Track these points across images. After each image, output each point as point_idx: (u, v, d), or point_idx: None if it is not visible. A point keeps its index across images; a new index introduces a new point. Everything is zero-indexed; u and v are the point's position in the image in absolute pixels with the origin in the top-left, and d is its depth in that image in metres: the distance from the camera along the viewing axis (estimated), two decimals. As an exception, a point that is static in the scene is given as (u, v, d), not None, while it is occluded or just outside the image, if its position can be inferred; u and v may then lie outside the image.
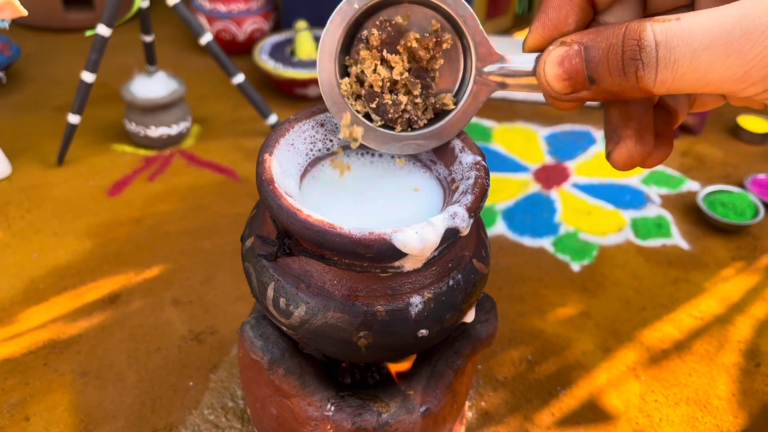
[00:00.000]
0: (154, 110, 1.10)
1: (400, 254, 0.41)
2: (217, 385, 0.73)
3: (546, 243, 0.97)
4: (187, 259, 0.90)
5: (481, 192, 0.45)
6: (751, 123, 1.25)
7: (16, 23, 1.50)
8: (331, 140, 0.52)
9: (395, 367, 0.63)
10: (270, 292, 0.48)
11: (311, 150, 0.51)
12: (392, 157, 0.52)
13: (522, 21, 1.47)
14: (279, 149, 0.48)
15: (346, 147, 0.51)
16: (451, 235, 0.42)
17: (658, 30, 0.25)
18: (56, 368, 0.74)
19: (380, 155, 0.52)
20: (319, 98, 1.32)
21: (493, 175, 1.12)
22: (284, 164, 0.48)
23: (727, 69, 0.25)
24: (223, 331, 0.79)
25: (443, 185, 0.50)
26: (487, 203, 1.05)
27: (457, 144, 0.49)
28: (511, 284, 0.89)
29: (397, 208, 0.48)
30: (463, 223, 0.43)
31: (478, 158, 0.47)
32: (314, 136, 0.51)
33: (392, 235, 0.40)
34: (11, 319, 0.80)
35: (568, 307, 0.86)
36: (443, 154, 0.50)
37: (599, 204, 1.07)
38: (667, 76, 0.26)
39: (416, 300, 0.46)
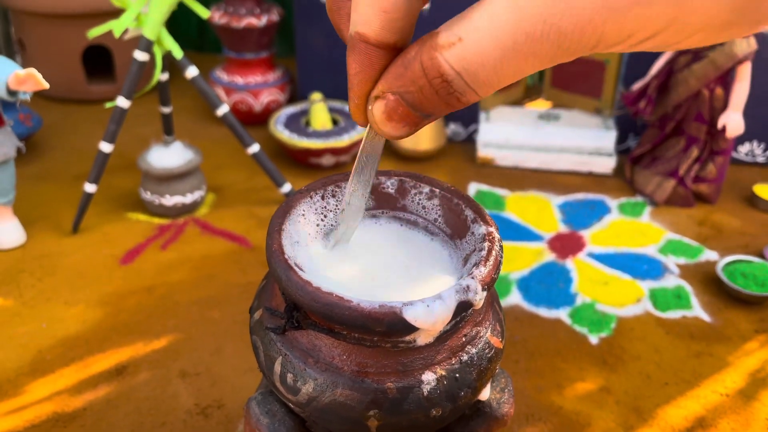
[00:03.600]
0: (170, 179, 1.11)
1: (412, 328, 0.40)
2: (222, 463, 0.70)
3: (563, 314, 0.95)
4: (197, 330, 0.89)
5: (495, 264, 0.44)
6: (767, 192, 1.24)
7: (39, 94, 1.54)
8: (343, 210, 0.52)
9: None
10: (277, 367, 0.46)
11: (322, 220, 0.51)
12: (401, 225, 0.52)
13: (533, 92, 1.49)
14: (290, 219, 0.47)
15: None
16: (463, 308, 0.41)
17: (452, 60, 0.25)
18: (58, 443, 0.72)
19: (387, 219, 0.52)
20: (332, 168, 1.33)
21: (506, 244, 1.11)
22: (294, 235, 0.48)
23: (531, 67, 0.25)
24: (230, 405, 0.77)
25: (455, 252, 0.49)
26: (501, 272, 1.03)
27: (470, 214, 0.49)
28: (527, 357, 0.86)
29: (408, 274, 0.47)
30: (476, 296, 0.41)
31: (491, 229, 0.47)
32: (325, 207, 0.51)
33: (403, 309, 0.39)
34: (17, 390, 0.78)
35: (587, 381, 0.83)
36: (455, 224, 0.50)
37: (616, 274, 1.05)
38: (486, 90, 0.27)
39: (429, 377, 0.44)
